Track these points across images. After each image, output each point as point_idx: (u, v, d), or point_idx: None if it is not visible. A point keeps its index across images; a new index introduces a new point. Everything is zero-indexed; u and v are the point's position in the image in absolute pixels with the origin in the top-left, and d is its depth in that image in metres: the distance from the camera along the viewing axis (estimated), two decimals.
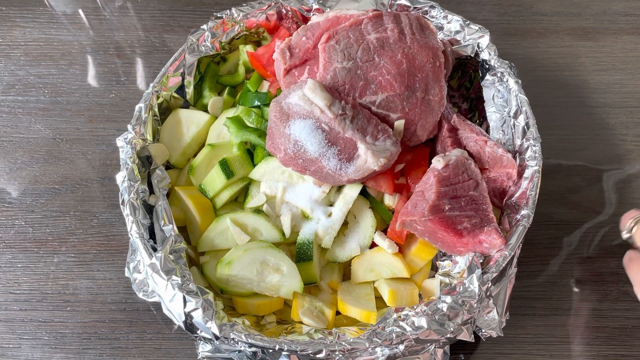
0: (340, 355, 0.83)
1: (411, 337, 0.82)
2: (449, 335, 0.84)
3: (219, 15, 1.14)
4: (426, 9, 1.10)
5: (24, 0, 1.42)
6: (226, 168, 0.99)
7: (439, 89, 0.99)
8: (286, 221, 0.98)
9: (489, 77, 1.04)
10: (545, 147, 1.06)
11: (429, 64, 0.98)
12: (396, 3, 1.11)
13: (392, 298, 0.93)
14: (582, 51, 1.33)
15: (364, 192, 0.99)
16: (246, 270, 0.92)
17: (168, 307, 0.86)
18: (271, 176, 1.00)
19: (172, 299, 0.85)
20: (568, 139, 1.21)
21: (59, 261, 1.09)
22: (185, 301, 0.84)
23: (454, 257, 0.94)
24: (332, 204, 1.00)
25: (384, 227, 1.01)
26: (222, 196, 1.01)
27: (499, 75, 1.02)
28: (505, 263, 0.87)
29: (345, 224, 1.01)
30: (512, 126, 1.00)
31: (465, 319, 0.84)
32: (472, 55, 1.05)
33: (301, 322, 0.94)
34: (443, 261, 0.96)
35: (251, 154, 1.04)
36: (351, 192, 0.97)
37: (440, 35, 1.07)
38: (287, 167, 0.96)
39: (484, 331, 0.88)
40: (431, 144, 1.05)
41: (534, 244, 1.09)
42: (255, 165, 1.02)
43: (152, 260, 0.87)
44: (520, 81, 1.01)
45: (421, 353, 0.86)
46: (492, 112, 1.04)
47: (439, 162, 0.93)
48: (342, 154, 0.92)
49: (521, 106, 0.99)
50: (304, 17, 1.15)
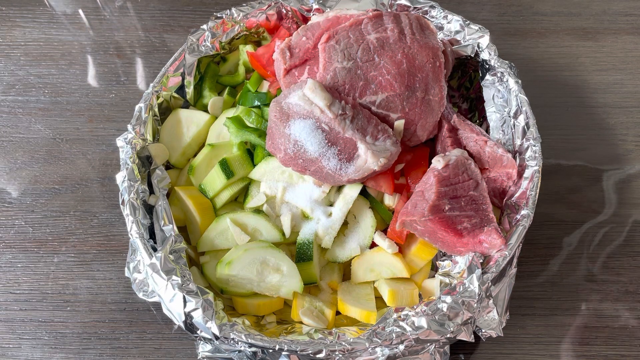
0: (340, 355, 0.83)
1: (411, 337, 0.82)
2: (449, 335, 0.84)
3: (219, 15, 1.14)
4: (426, 9, 1.10)
5: (24, 0, 1.42)
6: (226, 168, 0.99)
7: (439, 89, 0.99)
8: (286, 221, 0.98)
9: (489, 77, 1.04)
10: (545, 147, 1.06)
11: (429, 64, 0.98)
12: (396, 3, 1.11)
13: (392, 298, 0.93)
14: (582, 51, 1.33)
15: (364, 192, 0.99)
16: (246, 270, 0.92)
17: (168, 307, 0.86)
18: (271, 176, 1.00)
19: (172, 299, 0.85)
20: (568, 139, 1.21)
21: (59, 261, 1.09)
22: (185, 301, 0.84)
23: (454, 257, 0.94)
24: (332, 204, 1.00)
25: (384, 227, 1.01)
26: (222, 196, 1.01)
27: (499, 75, 1.02)
28: (505, 263, 0.87)
29: (345, 224, 1.01)
30: (512, 126, 1.00)
31: (465, 319, 0.84)
32: (472, 55, 1.05)
33: (301, 322, 0.94)
34: (443, 261, 0.96)
35: (251, 154, 1.04)
36: (351, 192, 0.97)
37: (440, 35, 1.07)
38: (287, 167, 0.96)
39: (484, 331, 0.88)
40: (431, 144, 1.05)
41: (534, 244, 1.09)
42: (255, 165, 1.02)
43: (152, 260, 0.87)
44: (520, 81, 1.01)
45: (421, 353, 0.86)
46: (492, 112, 1.04)
47: (439, 162, 0.93)
48: (342, 154, 0.92)
49: (521, 106, 0.99)
50: (304, 17, 1.15)
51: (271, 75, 1.10)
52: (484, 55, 1.04)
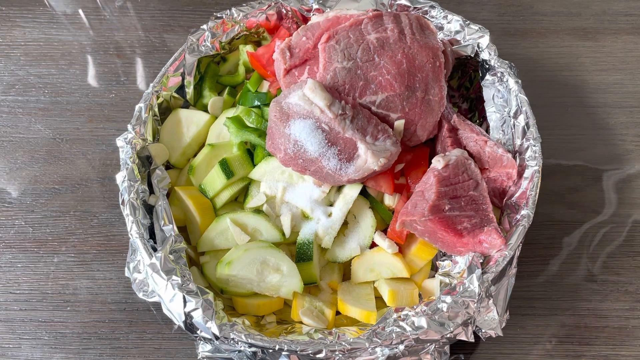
0: (340, 355, 0.83)
1: (411, 337, 0.82)
2: (449, 335, 0.84)
3: (219, 15, 1.14)
4: (426, 9, 1.10)
5: (24, 0, 1.42)
6: (226, 168, 0.99)
7: (439, 89, 0.99)
8: (286, 221, 0.98)
9: (489, 77, 1.04)
10: (545, 147, 1.06)
11: (429, 64, 0.98)
12: (396, 3, 1.11)
13: (392, 298, 0.93)
14: (582, 51, 1.33)
15: (364, 192, 0.99)
16: (246, 270, 0.92)
17: (168, 307, 0.86)
18: (271, 176, 1.00)
19: (172, 299, 0.85)
20: (568, 139, 1.21)
21: (59, 261, 1.09)
22: (185, 301, 0.84)
23: (454, 257, 0.94)
24: (332, 204, 1.00)
25: (384, 227, 1.01)
26: (222, 196, 1.01)
27: (499, 75, 1.02)
28: (505, 263, 0.87)
29: (345, 224, 1.01)
30: (512, 126, 1.00)
31: (465, 319, 0.84)
32: (472, 55, 1.05)
33: (301, 322, 0.94)
34: (443, 261, 0.96)
35: (251, 154, 1.04)
36: (351, 192, 0.97)
37: (440, 35, 1.07)
38: (287, 167, 0.96)
39: (484, 331, 0.88)
40: (431, 144, 1.05)
41: (534, 244, 1.09)
42: (255, 165, 1.02)
43: (152, 260, 0.87)
44: (520, 81, 1.01)
45: (421, 353, 0.86)
46: (492, 112, 1.04)
47: (439, 162, 0.93)
48: (342, 154, 0.92)
49: (521, 106, 0.99)
50: (304, 17, 1.15)
51: (271, 75, 1.10)
52: (484, 55, 1.04)
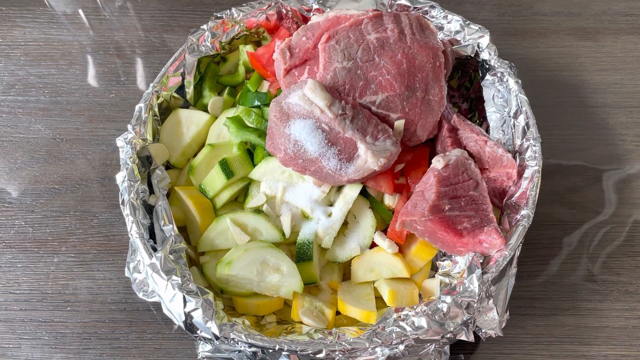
0: (340, 355, 0.83)
1: (411, 337, 0.82)
2: (449, 335, 0.84)
3: (219, 15, 1.14)
4: (426, 9, 1.10)
5: (24, 0, 1.42)
6: (226, 168, 0.99)
7: (439, 89, 0.99)
8: (286, 221, 0.98)
9: (489, 77, 1.04)
10: (545, 147, 1.06)
11: (429, 64, 0.98)
12: (396, 3, 1.11)
13: (392, 298, 0.93)
14: (582, 51, 1.33)
15: (364, 192, 0.99)
16: (246, 270, 0.92)
17: (168, 307, 0.86)
18: (271, 176, 1.00)
19: (172, 299, 0.85)
20: (568, 139, 1.21)
21: (59, 261, 1.09)
22: (185, 301, 0.84)
23: (454, 257, 0.94)
24: (332, 204, 1.00)
25: (384, 227, 1.01)
26: (222, 196, 1.01)
27: (499, 75, 1.02)
28: (505, 263, 0.87)
29: (345, 224, 1.01)
30: (512, 126, 1.00)
31: (465, 319, 0.84)
32: (472, 55, 1.05)
33: (301, 322, 0.94)
34: (443, 261, 0.96)
35: (251, 154, 1.04)
36: (351, 192, 0.97)
37: (440, 35, 1.07)
38: (287, 167, 0.96)
39: (483, 331, 0.88)
40: (431, 144, 1.05)
41: (534, 244, 1.09)
42: (255, 165, 1.02)
43: (152, 260, 0.87)
44: (520, 81, 1.01)
45: (421, 353, 0.86)
46: (492, 112, 1.04)
47: (439, 162, 0.93)
48: (342, 154, 0.92)
49: (521, 106, 0.99)
50: (304, 17, 1.15)
51: (271, 75, 1.10)
52: (484, 55, 1.04)
